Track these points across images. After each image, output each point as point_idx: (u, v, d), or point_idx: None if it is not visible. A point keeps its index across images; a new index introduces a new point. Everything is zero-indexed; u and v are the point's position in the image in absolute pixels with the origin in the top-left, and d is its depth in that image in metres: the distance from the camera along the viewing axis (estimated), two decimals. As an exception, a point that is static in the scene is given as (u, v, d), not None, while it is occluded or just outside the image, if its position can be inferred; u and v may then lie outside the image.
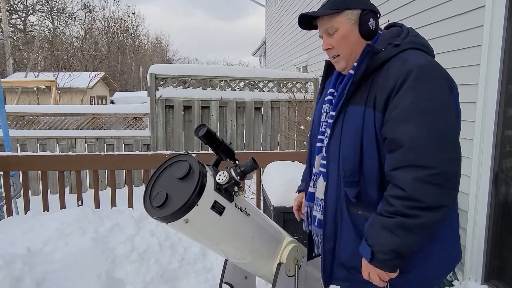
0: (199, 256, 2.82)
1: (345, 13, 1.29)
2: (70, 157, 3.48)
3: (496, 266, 2.68)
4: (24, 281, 2.24)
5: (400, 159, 1.14)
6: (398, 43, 1.25)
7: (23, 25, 24.60)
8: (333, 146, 1.30)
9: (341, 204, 1.30)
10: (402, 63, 1.19)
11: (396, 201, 1.14)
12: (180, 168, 1.35)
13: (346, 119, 1.27)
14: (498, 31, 2.53)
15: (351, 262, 1.31)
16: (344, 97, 1.27)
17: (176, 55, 48.80)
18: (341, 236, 1.32)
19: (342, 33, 1.30)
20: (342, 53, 1.33)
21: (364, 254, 1.21)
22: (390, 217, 1.15)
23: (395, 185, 1.15)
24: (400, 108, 1.15)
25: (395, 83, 1.17)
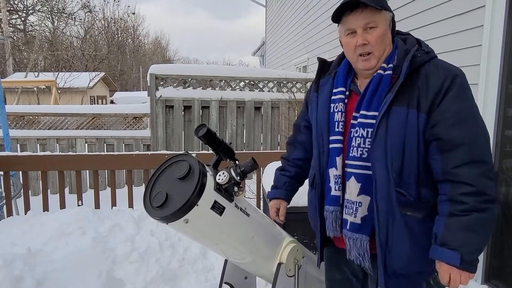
0: (199, 256, 2.82)
1: (384, 12, 1.30)
2: (70, 157, 3.49)
3: (496, 266, 2.68)
4: (24, 281, 2.24)
5: (462, 157, 1.19)
6: (428, 51, 1.32)
7: (23, 25, 24.62)
8: (378, 146, 1.26)
9: (393, 207, 1.26)
10: (440, 68, 1.27)
11: (468, 198, 1.17)
12: (180, 168, 1.35)
13: (391, 120, 1.25)
14: (498, 31, 2.53)
15: (403, 269, 1.30)
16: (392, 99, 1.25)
17: (176, 55, 48.86)
18: (393, 243, 1.28)
19: (381, 31, 1.30)
20: (376, 52, 1.31)
21: (449, 260, 1.19)
22: (467, 215, 1.17)
23: (461, 182, 1.18)
24: (453, 111, 1.21)
25: (440, 87, 1.22)
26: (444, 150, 1.21)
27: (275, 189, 1.73)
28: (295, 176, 1.70)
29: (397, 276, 1.31)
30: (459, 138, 1.19)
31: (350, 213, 1.34)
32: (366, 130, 1.29)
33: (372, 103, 1.30)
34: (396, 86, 1.25)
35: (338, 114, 1.38)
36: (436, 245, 1.22)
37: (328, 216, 1.41)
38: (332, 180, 1.38)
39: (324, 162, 1.42)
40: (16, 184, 3.99)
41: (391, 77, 1.30)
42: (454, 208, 1.19)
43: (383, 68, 1.32)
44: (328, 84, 1.47)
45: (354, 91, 1.40)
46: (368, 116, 1.30)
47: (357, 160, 1.31)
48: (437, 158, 1.23)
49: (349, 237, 1.35)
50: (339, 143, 1.37)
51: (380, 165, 1.26)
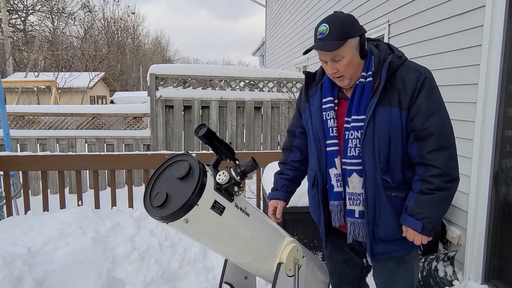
0: (199, 256, 2.82)
1: (348, 42, 1.47)
2: (70, 157, 3.49)
3: (496, 266, 2.68)
4: (24, 281, 2.24)
5: (433, 143, 1.45)
6: (400, 55, 1.52)
7: (23, 25, 24.62)
8: (367, 144, 1.49)
9: (379, 191, 1.51)
10: (412, 70, 1.49)
11: (435, 179, 1.45)
12: (180, 168, 1.35)
13: (377, 119, 1.48)
14: (498, 31, 2.53)
15: (389, 236, 1.56)
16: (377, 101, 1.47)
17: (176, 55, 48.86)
18: (380, 218, 1.53)
19: (348, 60, 1.49)
20: (347, 75, 1.52)
21: (414, 226, 1.48)
22: (432, 193, 1.45)
23: (431, 165, 1.45)
24: (425, 106, 1.45)
25: (415, 86, 1.46)
26: (420, 138, 1.47)
27: (275, 191, 1.88)
28: (293, 178, 1.87)
29: (384, 242, 1.57)
30: (430, 128, 1.45)
31: (357, 203, 1.56)
32: (359, 132, 1.51)
33: (360, 107, 1.51)
34: (378, 90, 1.47)
35: (330, 121, 1.59)
36: (406, 215, 1.51)
37: (334, 209, 1.62)
38: (334, 179, 1.59)
39: (323, 164, 1.61)
40: (16, 184, 3.99)
41: (372, 82, 1.52)
42: (424, 186, 1.47)
43: (363, 76, 1.53)
44: (317, 94, 1.66)
45: (342, 97, 1.61)
46: (359, 120, 1.51)
47: (356, 159, 1.53)
48: (414, 145, 1.48)
49: (357, 223, 1.58)
50: (335, 146, 1.58)
51: (369, 158, 1.50)
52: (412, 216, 1.49)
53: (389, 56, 1.51)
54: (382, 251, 1.59)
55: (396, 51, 1.56)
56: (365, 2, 4.89)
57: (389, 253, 1.60)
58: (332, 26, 1.46)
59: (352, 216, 1.58)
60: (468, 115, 2.77)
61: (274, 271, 1.60)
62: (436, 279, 2.78)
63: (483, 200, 2.66)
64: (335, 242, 1.80)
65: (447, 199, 1.50)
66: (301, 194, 2.73)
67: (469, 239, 2.77)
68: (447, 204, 1.52)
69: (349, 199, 1.57)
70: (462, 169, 2.69)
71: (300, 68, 8.99)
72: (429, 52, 3.33)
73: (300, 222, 2.87)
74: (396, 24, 4.05)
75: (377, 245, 1.57)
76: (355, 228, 1.58)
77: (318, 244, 2.92)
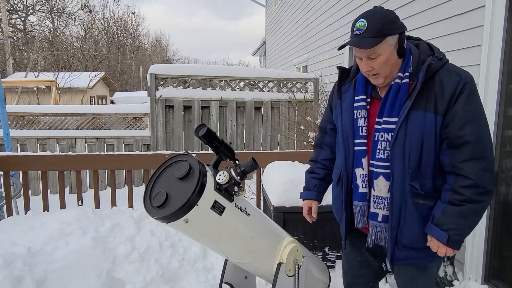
0: (199, 256, 2.82)
1: (386, 39, 1.41)
2: (70, 157, 3.48)
3: (496, 266, 2.68)
4: (24, 281, 2.24)
5: (468, 153, 1.38)
6: (440, 57, 1.45)
7: (23, 25, 24.62)
8: (397, 148, 1.44)
9: (406, 197, 1.46)
10: (452, 74, 1.42)
11: (466, 190, 1.38)
12: (180, 168, 1.35)
13: (410, 123, 1.42)
14: (498, 31, 2.53)
15: (412, 243, 1.51)
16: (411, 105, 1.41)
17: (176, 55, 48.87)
18: (405, 224, 1.48)
19: (384, 58, 1.43)
20: (382, 73, 1.47)
21: (439, 237, 1.42)
22: (462, 205, 1.39)
23: (462, 175, 1.39)
24: (462, 112, 1.38)
25: (453, 92, 1.39)
26: (453, 146, 1.40)
27: (307, 190, 1.86)
28: (324, 177, 1.84)
29: (407, 248, 1.52)
30: (466, 137, 1.37)
31: (381, 207, 1.52)
32: (390, 134, 1.46)
33: (393, 110, 1.46)
34: (414, 93, 1.41)
35: (361, 120, 1.54)
36: (431, 224, 1.45)
37: (357, 210, 1.58)
38: (359, 179, 1.55)
39: (350, 163, 1.58)
40: (16, 184, 3.99)
41: (408, 84, 1.45)
42: (453, 197, 1.40)
43: (399, 77, 1.47)
44: (350, 91, 1.62)
45: (375, 97, 1.55)
46: (390, 122, 1.46)
47: (384, 161, 1.48)
48: (447, 153, 1.42)
49: (380, 226, 1.54)
50: (364, 146, 1.54)
51: (397, 162, 1.44)
52: (437, 226, 1.43)
53: (429, 58, 1.44)
54: (403, 257, 1.55)
55: (437, 52, 1.49)
56: (365, 2, 4.89)
57: (410, 259, 1.56)
58: (370, 22, 1.40)
59: (375, 220, 1.54)
60: (468, 115, 2.77)
61: (274, 271, 1.60)
62: (436, 279, 2.78)
63: (483, 200, 2.65)
64: (355, 243, 1.77)
65: (477, 212, 1.42)
66: (301, 194, 2.74)
67: (469, 239, 2.77)
68: (477, 217, 1.43)
69: (374, 201, 1.53)
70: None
71: (300, 68, 8.99)
72: (429, 52, 3.33)
73: (300, 222, 2.87)
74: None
75: (399, 250, 1.53)
76: (377, 232, 1.55)
77: (318, 244, 2.92)
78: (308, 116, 5.71)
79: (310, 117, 5.62)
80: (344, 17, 5.63)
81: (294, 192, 2.75)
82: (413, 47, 1.51)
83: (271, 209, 2.84)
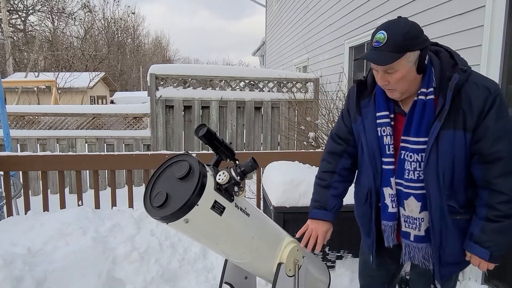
0: (200, 256, 2.82)
1: (406, 55, 1.33)
2: (70, 157, 3.48)
3: (496, 266, 2.67)
4: (24, 281, 2.24)
5: (501, 168, 1.35)
6: (465, 68, 1.37)
7: (23, 25, 24.62)
8: (431, 170, 1.40)
9: (445, 216, 1.43)
10: (479, 88, 1.34)
11: (503, 206, 1.36)
12: (180, 168, 1.35)
13: (440, 144, 1.37)
14: (498, 31, 2.53)
15: (457, 259, 1.50)
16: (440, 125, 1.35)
17: (176, 55, 48.87)
18: (447, 243, 1.47)
19: (402, 74, 1.35)
20: (398, 89, 1.40)
21: (480, 255, 1.41)
22: (500, 221, 1.37)
23: (498, 191, 1.36)
24: (493, 128, 1.33)
25: (483, 107, 1.33)
26: (485, 162, 1.37)
27: (323, 210, 1.67)
28: (343, 193, 1.72)
29: (450, 265, 1.51)
30: (499, 153, 1.34)
31: (413, 227, 1.50)
32: (420, 155, 1.41)
33: (421, 129, 1.40)
34: (443, 114, 1.35)
35: (387, 138, 1.48)
36: (471, 242, 1.43)
37: (387, 230, 1.56)
38: (388, 199, 1.52)
39: (378, 182, 1.54)
40: (16, 184, 3.99)
41: (433, 100, 1.39)
42: (490, 213, 1.38)
43: (423, 93, 1.39)
44: (370, 107, 1.53)
45: (399, 112, 1.49)
46: (419, 142, 1.41)
47: (415, 182, 1.44)
48: (479, 168, 1.38)
49: (414, 246, 1.52)
50: (391, 165, 1.49)
51: (433, 184, 1.41)
52: (478, 244, 1.41)
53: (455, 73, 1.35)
54: (447, 273, 1.54)
55: (460, 62, 1.40)
56: (365, 2, 4.89)
57: (453, 273, 1.58)
58: (391, 36, 1.30)
59: (407, 239, 1.52)
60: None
61: (274, 271, 1.60)
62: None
63: (483, 200, 2.66)
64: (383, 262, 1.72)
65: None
66: (302, 194, 2.74)
67: (469, 239, 2.77)
68: None
69: (405, 221, 1.51)
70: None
71: (300, 68, 8.99)
72: (429, 52, 3.33)
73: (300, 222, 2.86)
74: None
75: (443, 268, 1.51)
76: (411, 250, 1.53)
77: (318, 244, 2.92)
78: (308, 116, 5.71)
79: (310, 117, 5.62)
80: (344, 17, 5.63)
81: (294, 192, 2.75)
82: (434, 58, 1.42)
83: (271, 209, 2.84)
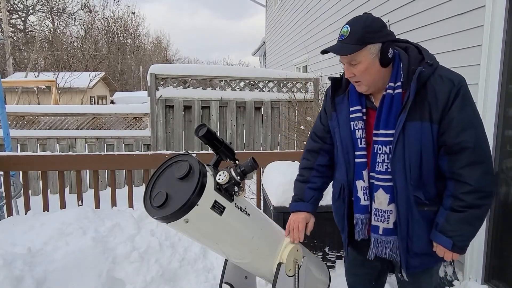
0: (200, 256, 2.83)
1: (367, 47, 1.40)
2: (70, 157, 3.49)
3: (496, 266, 2.68)
4: (24, 281, 2.24)
5: (466, 159, 1.38)
6: (431, 62, 1.42)
7: (23, 25, 24.61)
8: (397, 161, 1.43)
9: (411, 207, 1.46)
10: (444, 80, 1.40)
11: (467, 196, 1.39)
12: (180, 168, 1.35)
13: (407, 135, 1.41)
14: (498, 31, 2.53)
15: (425, 249, 1.52)
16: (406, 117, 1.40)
17: (176, 55, 48.90)
18: (414, 233, 1.49)
19: (365, 66, 1.42)
20: (363, 81, 1.46)
21: (444, 244, 1.44)
22: (464, 211, 1.40)
23: (463, 181, 1.39)
24: (458, 119, 1.37)
25: (447, 99, 1.37)
26: (451, 153, 1.40)
27: (301, 202, 1.72)
28: (322, 187, 1.76)
29: (419, 256, 1.53)
30: (463, 143, 1.37)
31: (381, 220, 1.52)
32: (388, 147, 1.45)
33: (389, 122, 1.44)
34: (407, 106, 1.39)
35: (359, 131, 1.52)
36: (436, 231, 1.47)
37: (359, 223, 1.57)
38: (361, 191, 1.54)
39: (351, 176, 1.57)
40: (16, 184, 3.99)
41: (401, 94, 1.43)
42: (455, 204, 1.41)
43: (391, 87, 1.45)
44: (344, 103, 1.60)
45: (371, 107, 1.54)
46: (387, 135, 1.45)
47: (384, 174, 1.47)
48: (445, 159, 1.42)
49: (382, 240, 1.53)
50: (364, 158, 1.53)
51: (399, 175, 1.44)
52: (442, 233, 1.45)
53: (419, 66, 1.41)
54: (418, 264, 1.55)
55: (427, 57, 1.46)
56: (365, 2, 4.89)
57: (425, 265, 1.57)
58: (353, 30, 1.39)
59: (376, 233, 1.53)
60: (468, 115, 2.77)
61: (274, 271, 1.60)
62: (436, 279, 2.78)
63: (483, 200, 2.66)
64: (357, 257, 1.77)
65: (480, 216, 1.43)
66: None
67: (469, 239, 2.77)
68: (480, 221, 1.45)
69: (374, 214, 1.52)
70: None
71: (300, 68, 8.99)
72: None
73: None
74: (396, 24, 4.05)
75: (412, 259, 1.53)
76: (379, 244, 1.54)
77: (318, 244, 2.92)
78: (308, 116, 5.71)
79: (310, 117, 5.62)
80: (344, 17, 5.63)
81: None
82: (402, 53, 1.48)
83: (271, 209, 2.84)
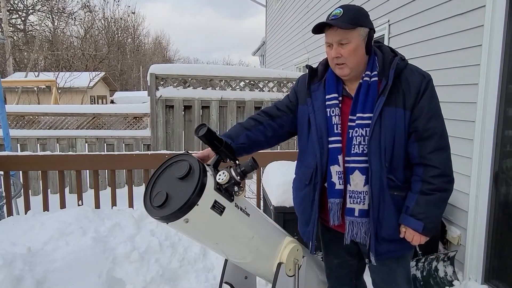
0: (200, 255, 2.83)
1: (358, 29, 1.49)
2: (70, 157, 3.48)
3: (496, 266, 2.68)
4: (24, 281, 2.24)
5: (435, 144, 1.49)
6: (403, 58, 1.56)
7: (23, 25, 24.60)
8: (374, 143, 1.50)
9: (384, 189, 1.52)
10: (415, 73, 1.53)
11: (436, 179, 1.49)
12: (180, 168, 1.36)
13: (383, 118, 1.50)
14: (498, 31, 2.53)
15: (392, 235, 1.57)
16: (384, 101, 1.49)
17: (176, 55, 48.88)
18: (384, 217, 1.54)
19: (354, 46, 1.50)
20: (349, 63, 1.52)
21: (414, 227, 1.51)
22: (433, 194, 1.49)
23: (431, 165, 1.49)
24: (428, 108, 1.49)
25: (419, 89, 1.50)
26: (422, 138, 1.50)
27: (229, 138, 1.59)
28: (256, 142, 1.67)
29: (387, 242, 1.58)
30: (432, 129, 1.49)
31: (357, 202, 1.55)
32: (364, 129, 1.51)
33: (366, 106, 1.52)
34: (386, 90, 1.49)
35: (335, 117, 1.57)
36: (406, 215, 1.53)
37: (333, 208, 1.59)
38: (335, 176, 1.57)
39: (324, 161, 1.59)
40: (16, 184, 3.99)
41: (377, 82, 1.53)
42: (425, 187, 1.50)
43: (368, 75, 1.54)
44: (319, 90, 1.65)
45: (346, 95, 1.60)
46: (365, 118, 1.51)
47: (360, 156, 1.52)
48: (415, 145, 1.51)
49: (358, 222, 1.55)
50: (339, 143, 1.56)
51: (375, 157, 1.50)
52: (412, 216, 1.51)
53: (396, 58, 1.54)
54: (384, 251, 1.59)
55: (399, 54, 1.59)
56: (365, 2, 4.89)
57: (391, 253, 1.61)
58: (346, 10, 1.49)
59: (352, 215, 1.55)
60: (469, 115, 2.77)
61: (274, 271, 1.60)
62: (436, 279, 2.78)
63: (483, 200, 2.66)
64: (329, 246, 1.81)
65: (445, 199, 1.54)
66: (301, 194, 2.74)
67: (469, 239, 2.77)
68: (445, 204, 1.56)
69: (350, 197, 1.55)
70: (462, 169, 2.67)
71: (300, 68, 8.99)
72: (429, 52, 3.33)
73: (300, 222, 2.87)
74: (396, 24, 4.04)
75: (379, 245, 1.57)
76: (354, 227, 1.56)
77: (318, 244, 2.92)
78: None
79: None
80: (344, 17, 5.61)
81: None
82: (377, 50, 1.60)
83: (271, 209, 2.84)
